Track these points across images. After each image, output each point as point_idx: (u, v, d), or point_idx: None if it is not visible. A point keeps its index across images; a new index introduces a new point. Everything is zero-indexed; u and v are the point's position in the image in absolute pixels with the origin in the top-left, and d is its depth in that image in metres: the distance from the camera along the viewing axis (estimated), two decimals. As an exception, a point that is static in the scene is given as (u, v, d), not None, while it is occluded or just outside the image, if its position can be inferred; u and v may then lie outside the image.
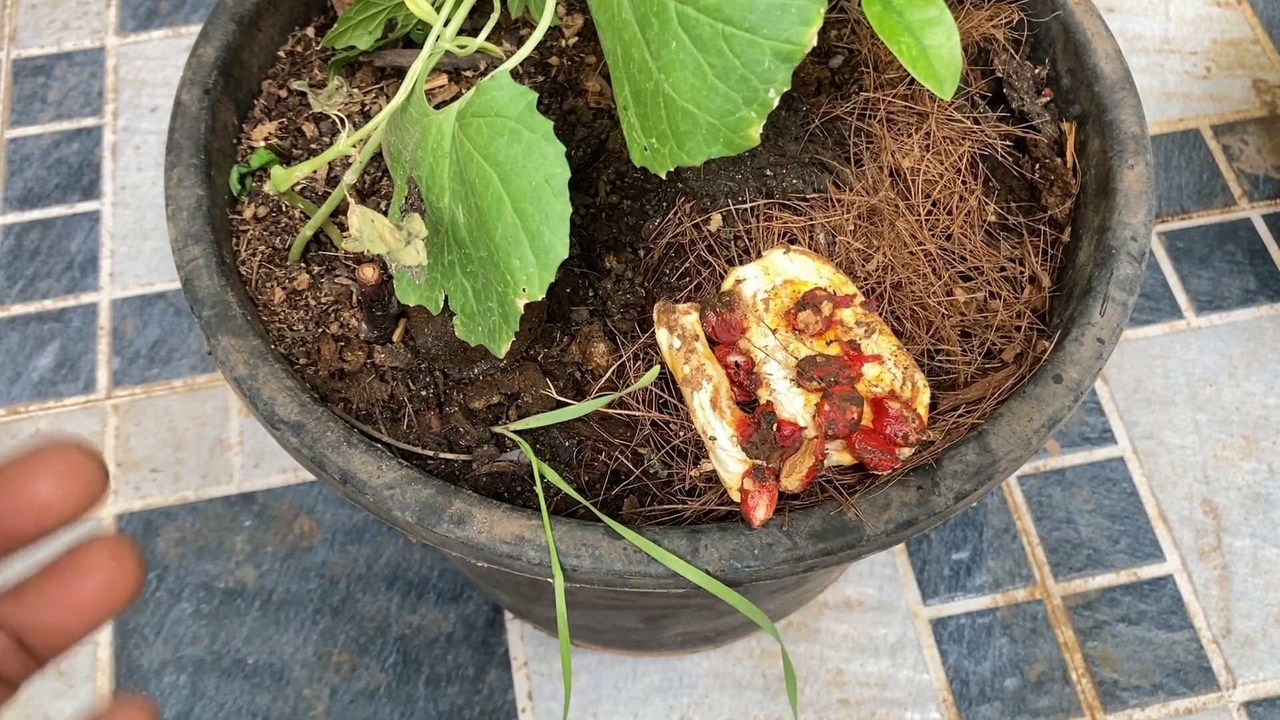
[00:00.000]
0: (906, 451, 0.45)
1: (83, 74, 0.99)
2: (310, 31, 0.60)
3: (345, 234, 0.43)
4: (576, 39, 0.58)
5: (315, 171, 0.54)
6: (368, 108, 0.56)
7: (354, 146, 0.47)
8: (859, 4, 0.49)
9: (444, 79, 0.57)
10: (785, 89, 0.36)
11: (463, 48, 0.43)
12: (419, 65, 0.42)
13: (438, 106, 0.48)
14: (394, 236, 0.40)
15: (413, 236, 0.40)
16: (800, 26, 0.35)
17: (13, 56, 1.00)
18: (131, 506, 0.80)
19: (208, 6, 1.02)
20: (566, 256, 0.39)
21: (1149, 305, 0.88)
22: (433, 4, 0.45)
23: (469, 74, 0.58)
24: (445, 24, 0.45)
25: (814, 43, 0.36)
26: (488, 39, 0.56)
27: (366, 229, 0.40)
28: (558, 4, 0.58)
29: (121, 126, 0.96)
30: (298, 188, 0.55)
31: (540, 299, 0.39)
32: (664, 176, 0.48)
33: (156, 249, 0.90)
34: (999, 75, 0.56)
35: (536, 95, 0.39)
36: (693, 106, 0.37)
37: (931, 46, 0.37)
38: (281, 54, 0.59)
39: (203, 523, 0.79)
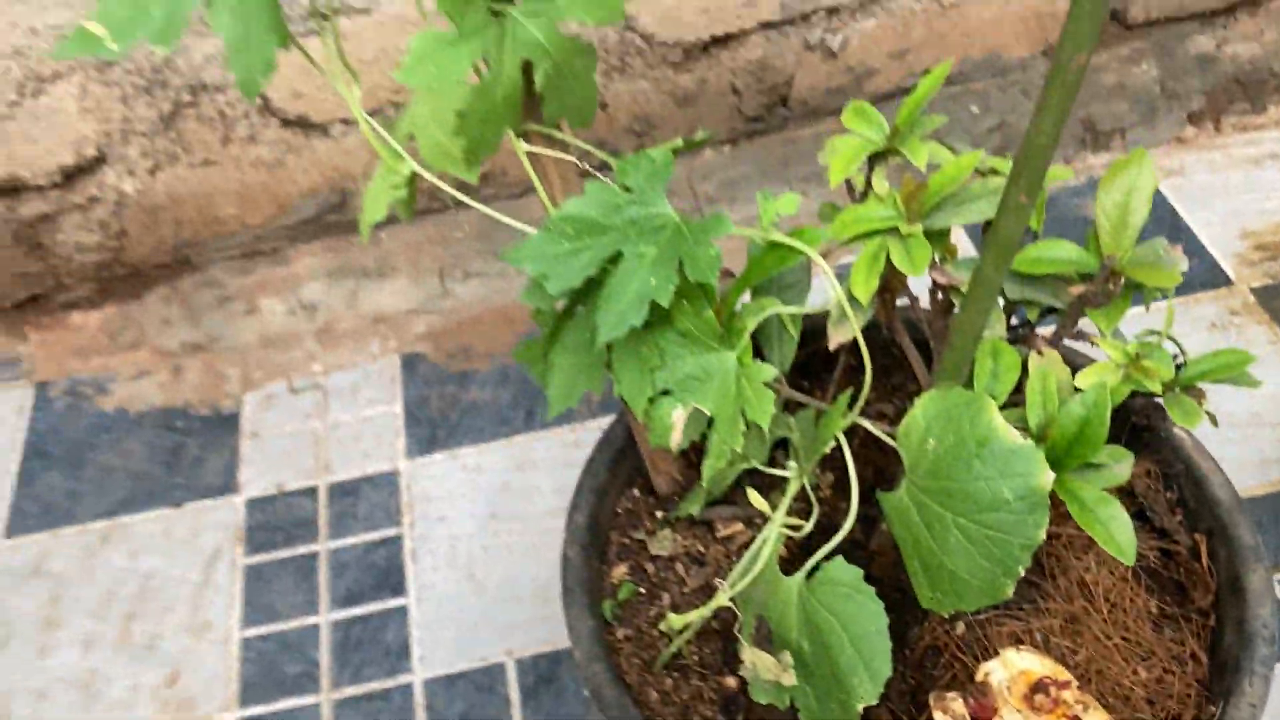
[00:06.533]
0: (1127, 798, 0.63)
1: (382, 493, 1.26)
2: (636, 492, 0.84)
3: (741, 665, 0.64)
4: (830, 491, 0.82)
5: (663, 603, 0.77)
6: (690, 549, 0.80)
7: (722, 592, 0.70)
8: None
9: (740, 525, 0.81)
10: (1028, 565, 0.58)
11: (797, 528, 0.66)
12: (769, 548, 0.65)
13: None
14: (778, 667, 0.62)
15: (786, 667, 0.62)
16: (1036, 530, 0.57)
17: (327, 483, 1.28)
18: None
19: (476, 431, 1.30)
20: (890, 675, 0.60)
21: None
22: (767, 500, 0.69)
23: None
24: (774, 509, 0.68)
25: (1044, 536, 0.58)
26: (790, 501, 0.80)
27: (758, 661, 0.62)
28: (819, 468, 0.82)
29: (417, 535, 1.22)
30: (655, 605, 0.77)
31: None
32: (945, 615, 0.69)
33: (455, 637, 1.13)
34: (1142, 503, 0.77)
35: (862, 571, 0.61)
36: (967, 576, 0.59)
37: (1115, 531, 0.59)
38: (620, 511, 0.83)
39: None
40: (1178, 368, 0.69)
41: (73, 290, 1.48)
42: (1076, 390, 0.62)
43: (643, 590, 0.78)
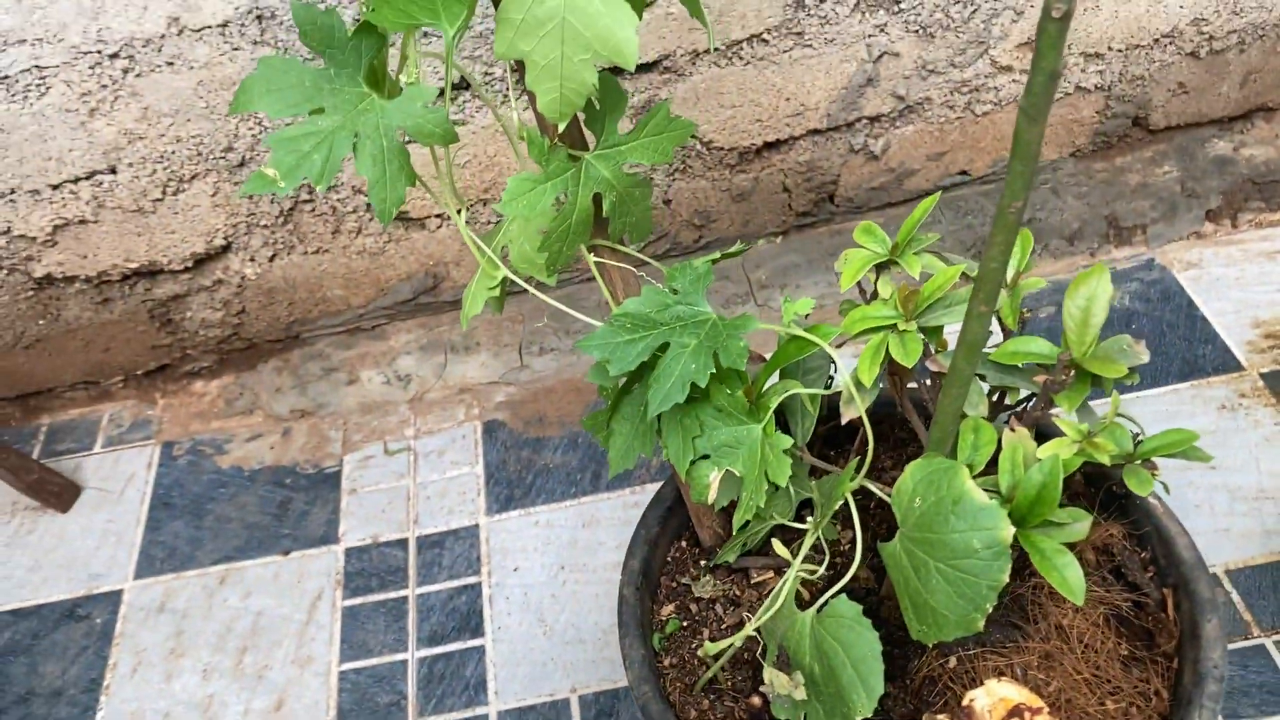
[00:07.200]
0: (1086, 805, 0.75)
1: (464, 545, 1.41)
2: (683, 543, 0.99)
3: (763, 686, 0.78)
4: (849, 545, 0.95)
5: (709, 636, 0.91)
6: (727, 592, 0.94)
7: (753, 629, 0.83)
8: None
9: (771, 573, 0.94)
10: (995, 604, 0.71)
11: (812, 573, 0.80)
12: (788, 588, 0.79)
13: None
14: (791, 683, 0.75)
15: (798, 684, 0.75)
16: (1000, 574, 0.71)
17: (416, 535, 1.44)
18: None
19: (550, 492, 1.45)
20: (882, 693, 0.73)
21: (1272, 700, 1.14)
22: (788, 548, 0.83)
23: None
24: (795, 555, 0.82)
25: (1007, 579, 0.71)
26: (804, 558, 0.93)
27: (776, 679, 0.76)
28: (838, 525, 0.96)
29: (494, 583, 1.37)
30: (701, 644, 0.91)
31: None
32: (930, 645, 0.83)
33: (528, 673, 1.27)
34: (1119, 560, 0.90)
35: (862, 607, 0.75)
36: (946, 612, 0.73)
37: (1068, 576, 0.72)
38: (669, 559, 0.98)
39: None
40: (1137, 443, 0.82)
41: (196, 361, 1.68)
42: (1039, 460, 0.76)
43: (686, 626, 0.92)
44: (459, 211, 0.81)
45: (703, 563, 0.97)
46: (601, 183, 0.78)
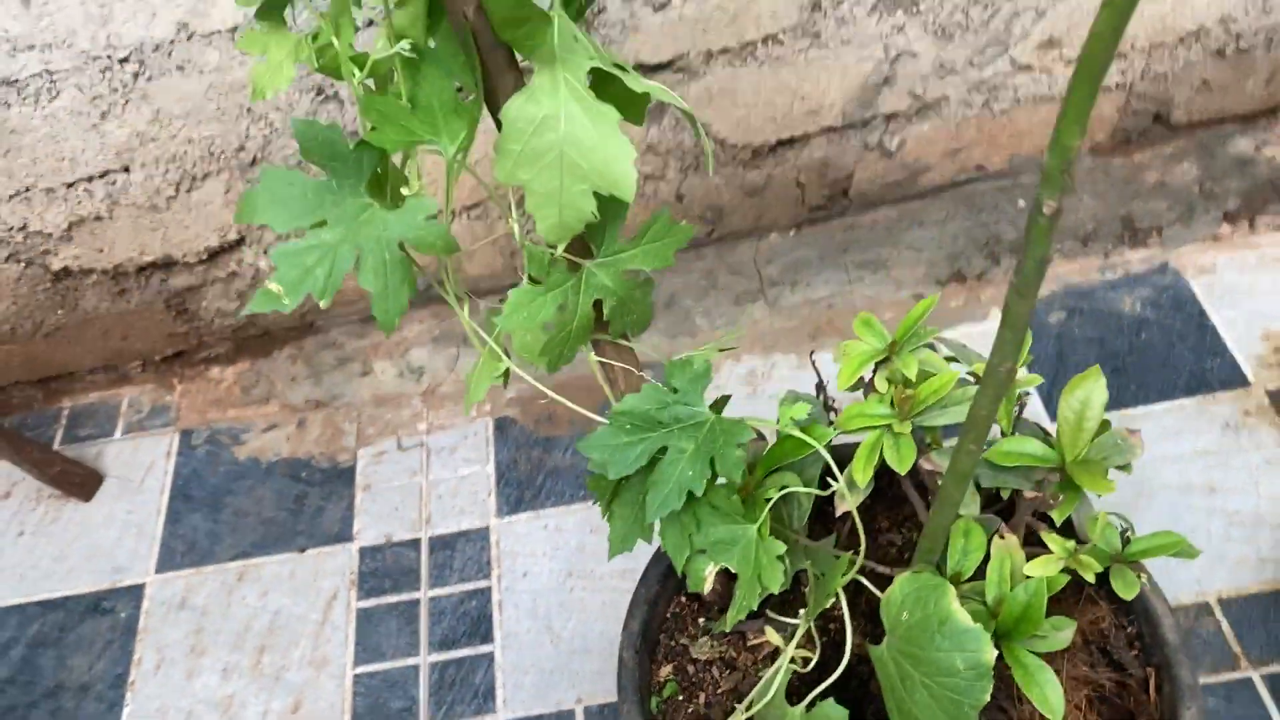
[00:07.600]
0: None
1: (475, 547, 1.45)
2: (683, 598, 1.02)
3: None
4: (840, 613, 0.98)
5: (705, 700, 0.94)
6: (724, 654, 0.97)
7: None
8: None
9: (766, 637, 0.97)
10: (976, 720, 0.74)
11: (805, 661, 0.83)
12: (779, 679, 0.82)
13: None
14: (778, 784, 0.79)
15: (785, 780, 0.79)
16: (981, 695, 0.73)
17: (429, 535, 1.47)
18: None
19: (559, 494, 1.48)
20: (865, 795, 0.76)
21: (1256, 735, 1.18)
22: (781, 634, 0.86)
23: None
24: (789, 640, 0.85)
25: (988, 699, 0.73)
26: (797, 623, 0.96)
27: (763, 778, 0.79)
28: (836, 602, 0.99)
29: (504, 587, 1.41)
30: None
31: (852, 817, 0.77)
32: None
33: (535, 682, 1.32)
34: (1106, 637, 0.92)
35: (848, 713, 0.78)
36: (928, 724, 0.76)
37: (1049, 695, 0.75)
38: (669, 615, 1.01)
39: None
40: (1126, 541, 0.84)
41: (213, 347, 1.70)
42: (1027, 576, 0.78)
43: (682, 692, 0.95)
44: (463, 306, 0.82)
45: (701, 621, 1.00)
46: (603, 290, 0.79)
